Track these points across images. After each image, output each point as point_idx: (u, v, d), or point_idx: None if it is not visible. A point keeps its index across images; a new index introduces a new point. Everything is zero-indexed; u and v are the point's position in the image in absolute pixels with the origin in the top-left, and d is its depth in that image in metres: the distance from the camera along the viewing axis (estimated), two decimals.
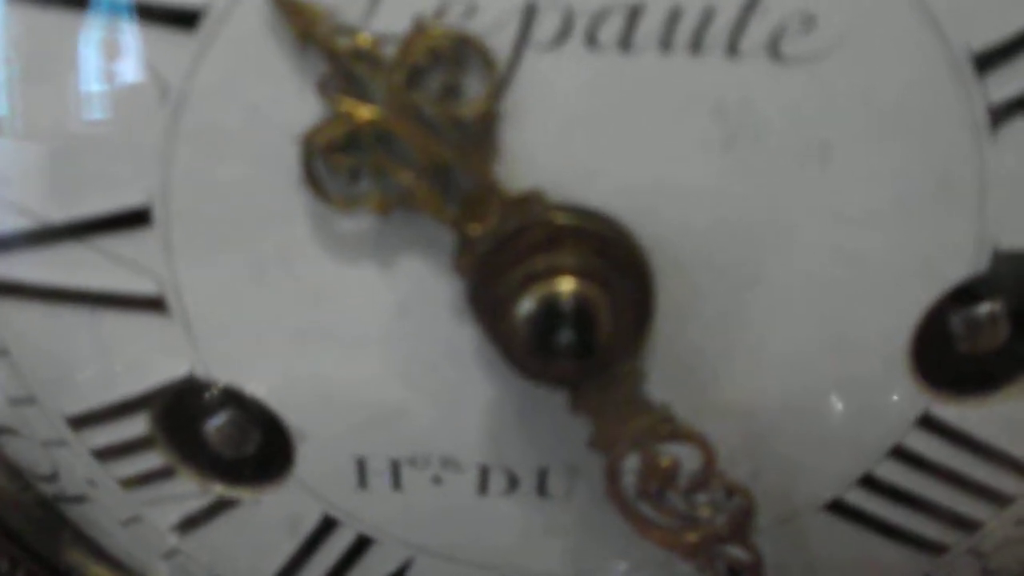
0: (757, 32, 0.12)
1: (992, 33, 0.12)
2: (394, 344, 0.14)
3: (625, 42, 0.12)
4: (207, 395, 0.15)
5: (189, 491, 0.16)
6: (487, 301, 0.13)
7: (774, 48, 0.12)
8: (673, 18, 0.11)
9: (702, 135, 0.12)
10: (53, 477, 0.17)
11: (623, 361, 0.13)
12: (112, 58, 0.13)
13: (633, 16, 0.11)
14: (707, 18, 0.11)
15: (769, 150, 0.12)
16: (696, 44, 0.12)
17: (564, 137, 0.12)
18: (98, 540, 0.18)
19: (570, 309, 0.12)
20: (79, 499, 0.17)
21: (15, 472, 0.17)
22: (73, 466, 0.16)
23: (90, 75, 0.13)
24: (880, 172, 0.13)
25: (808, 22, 0.12)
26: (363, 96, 0.12)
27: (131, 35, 0.13)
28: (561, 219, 0.12)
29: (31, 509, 0.18)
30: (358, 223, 0.13)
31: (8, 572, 0.18)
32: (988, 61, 0.12)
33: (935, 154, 0.12)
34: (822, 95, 0.12)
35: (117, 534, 0.17)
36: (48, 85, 0.13)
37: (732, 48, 0.12)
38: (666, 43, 0.12)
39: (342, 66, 0.12)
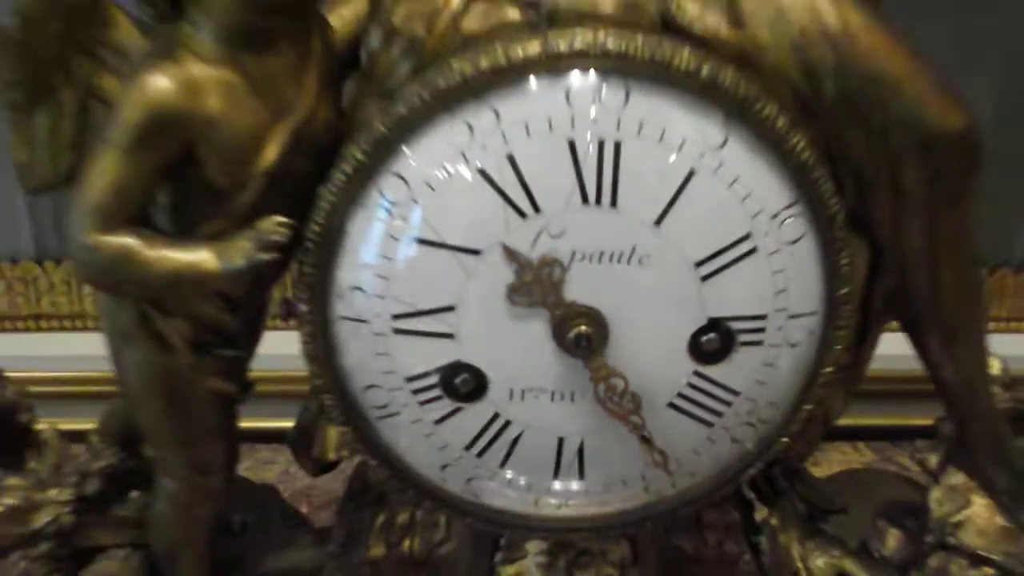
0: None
1: (703, 250, 0.40)
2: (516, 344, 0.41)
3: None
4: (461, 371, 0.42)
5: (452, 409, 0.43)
6: None
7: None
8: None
9: None
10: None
11: None
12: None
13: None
14: None
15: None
16: None
17: None
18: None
19: None
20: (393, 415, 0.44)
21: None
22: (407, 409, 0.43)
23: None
24: (660, 295, 0.40)
25: (636, 253, 0.39)
26: None
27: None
28: None
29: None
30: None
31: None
32: (703, 263, 0.40)
33: (685, 292, 0.40)
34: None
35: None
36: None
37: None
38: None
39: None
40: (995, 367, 0.58)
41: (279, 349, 0.48)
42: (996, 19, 0.96)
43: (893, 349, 0.49)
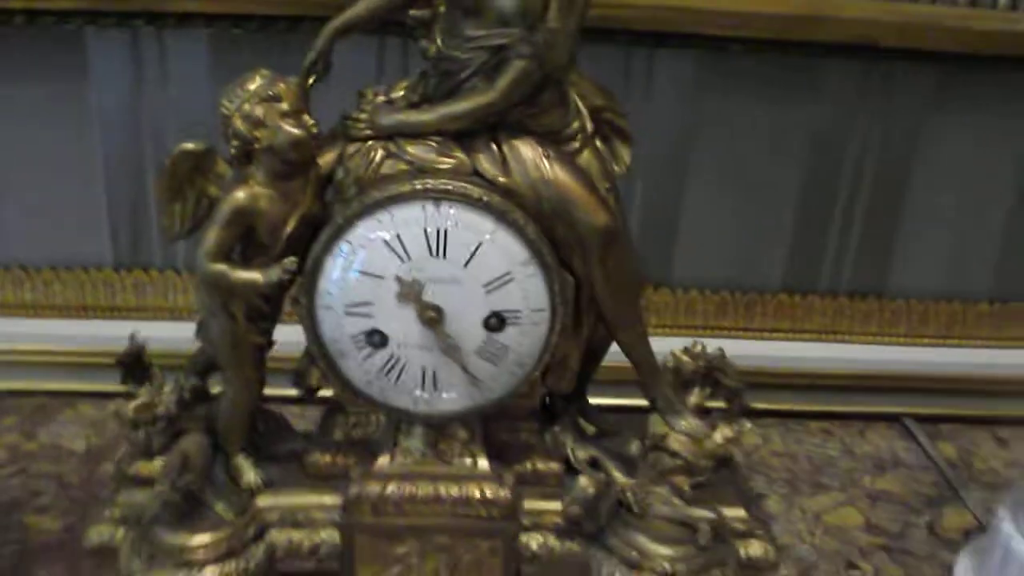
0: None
1: (487, 278, 0.87)
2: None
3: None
4: (375, 334, 0.89)
5: (370, 352, 0.90)
6: None
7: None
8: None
9: None
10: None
11: None
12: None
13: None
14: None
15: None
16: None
17: None
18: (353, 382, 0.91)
19: None
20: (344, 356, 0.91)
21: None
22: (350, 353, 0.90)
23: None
24: (468, 299, 0.87)
25: (455, 279, 0.86)
26: None
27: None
28: None
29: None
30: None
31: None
32: (487, 284, 0.87)
33: (479, 298, 0.87)
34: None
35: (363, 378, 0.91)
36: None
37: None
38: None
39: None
40: (697, 347, 1.05)
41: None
42: (804, 107, 1.41)
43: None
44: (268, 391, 0.86)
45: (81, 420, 1.40)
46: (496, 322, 0.83)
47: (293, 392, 0.89)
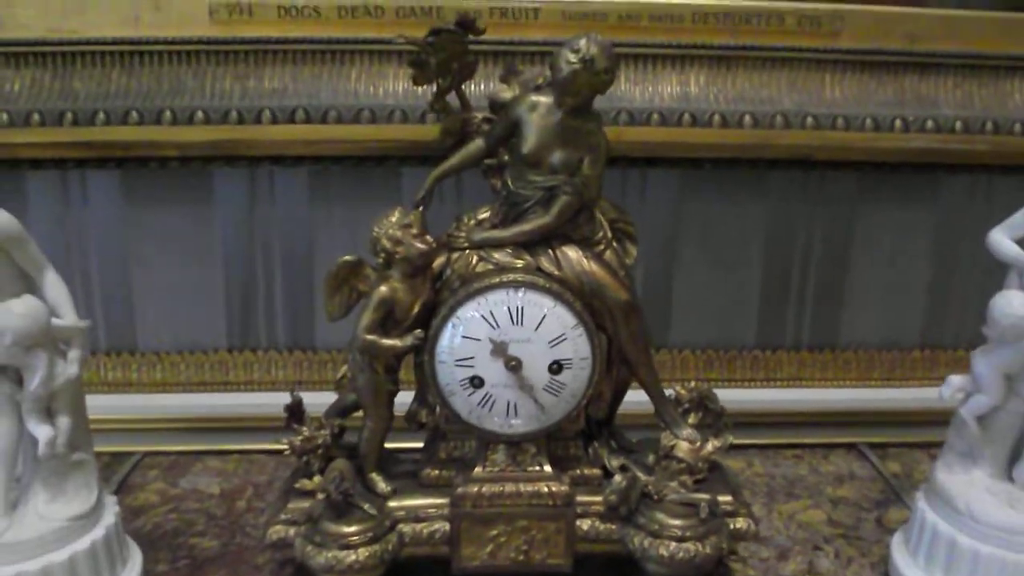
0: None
1: (550, 337, 1.36)
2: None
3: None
4: (476, 379, 1.37)
5: (472, 391, 1.38)
6: None
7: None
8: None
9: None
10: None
11: None
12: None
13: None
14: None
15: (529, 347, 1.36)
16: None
17: None
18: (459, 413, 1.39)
19: None
20: (453, 394, 1.39)
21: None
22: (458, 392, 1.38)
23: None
24: (537, 353, 1.36)
25: (529, 339, 1.36)
26: None
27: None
28: None
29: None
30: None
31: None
32: (551, 342, 1.36)
33: (545, 352, 1.35)
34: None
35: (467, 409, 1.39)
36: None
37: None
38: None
39: None
40: (691, 384, 1.54)
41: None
42: (762, 206, 1.90)
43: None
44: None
45: (210, 471, 1.85)
46: (556, 367, 1.31)
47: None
